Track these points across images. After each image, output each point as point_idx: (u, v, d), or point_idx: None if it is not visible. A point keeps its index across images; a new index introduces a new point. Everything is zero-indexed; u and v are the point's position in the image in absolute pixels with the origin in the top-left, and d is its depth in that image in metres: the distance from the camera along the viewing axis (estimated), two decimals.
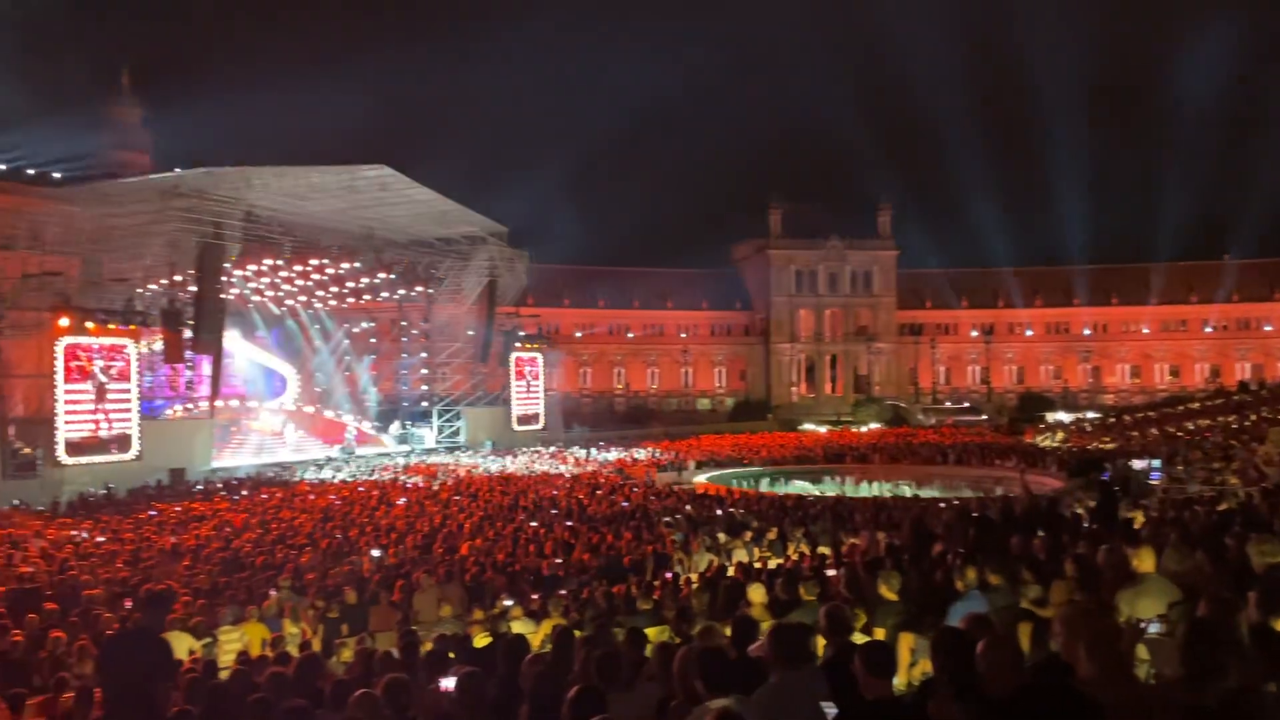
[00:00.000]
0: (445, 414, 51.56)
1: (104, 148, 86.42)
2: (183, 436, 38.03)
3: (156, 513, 24.97)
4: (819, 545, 16.73)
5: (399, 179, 37.85)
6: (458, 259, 48.23)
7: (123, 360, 33.85)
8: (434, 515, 22.53)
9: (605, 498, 25.75)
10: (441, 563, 15.65)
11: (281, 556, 16.86)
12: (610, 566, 15.24)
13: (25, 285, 36.81)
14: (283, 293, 47.10)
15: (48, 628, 11.65)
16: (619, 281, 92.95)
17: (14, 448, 33.92)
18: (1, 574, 16.29)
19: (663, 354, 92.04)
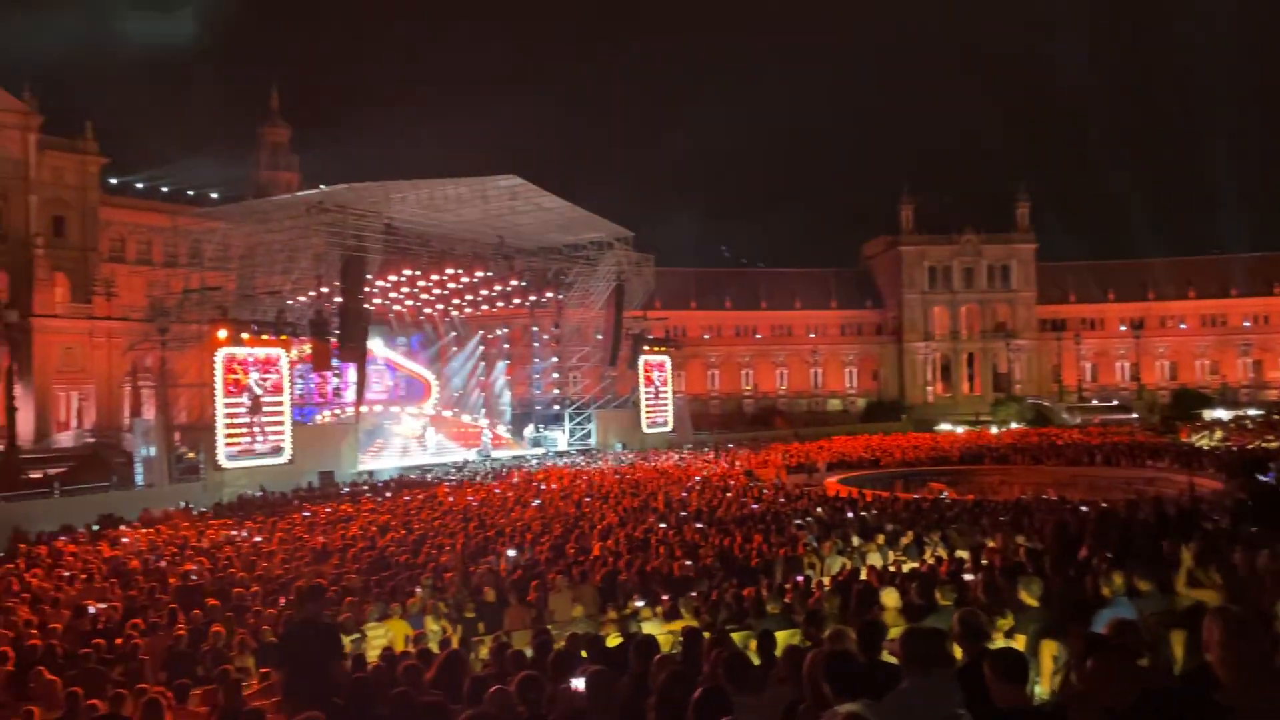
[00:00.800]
0: (576, 417, 52.40)
1: (255, 168, 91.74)
2: (331, 441, 39.79)
3: (309, 514, 26.22)
4: (956, 549, 16.25)
5: (528, 188, 38.73)
6: (586, 264, 48.97)
7: (276, 371, 35.72)
8: (567, 517, 22.92)
9: (734, 500, 25.66)
10: (575, 563, 15.92)
11: (423, 556, 17.46)
12: (740, 569, 15.19)
13: (187, 300, 39.34)
14: (421, 301, 48.83)
15: (209, 622, 12.43)
16: (746, 282, 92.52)
17: (179, 452, 36.30)
18: (169, 572, 17.44)
19: (791, 354, 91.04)
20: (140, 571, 17.53)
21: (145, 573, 17.38)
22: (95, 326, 59.67)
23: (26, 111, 69.62)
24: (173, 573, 17.24)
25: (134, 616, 13.31)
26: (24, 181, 69.41)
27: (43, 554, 20.54)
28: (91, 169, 73.75)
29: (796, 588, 12.36)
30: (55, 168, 71.55)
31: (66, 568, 18.52)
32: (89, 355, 59.62)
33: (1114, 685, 3.97)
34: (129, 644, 11.62)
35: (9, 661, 10.75)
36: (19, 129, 69.37)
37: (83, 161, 73.04)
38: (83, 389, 59.85)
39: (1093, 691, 4.04)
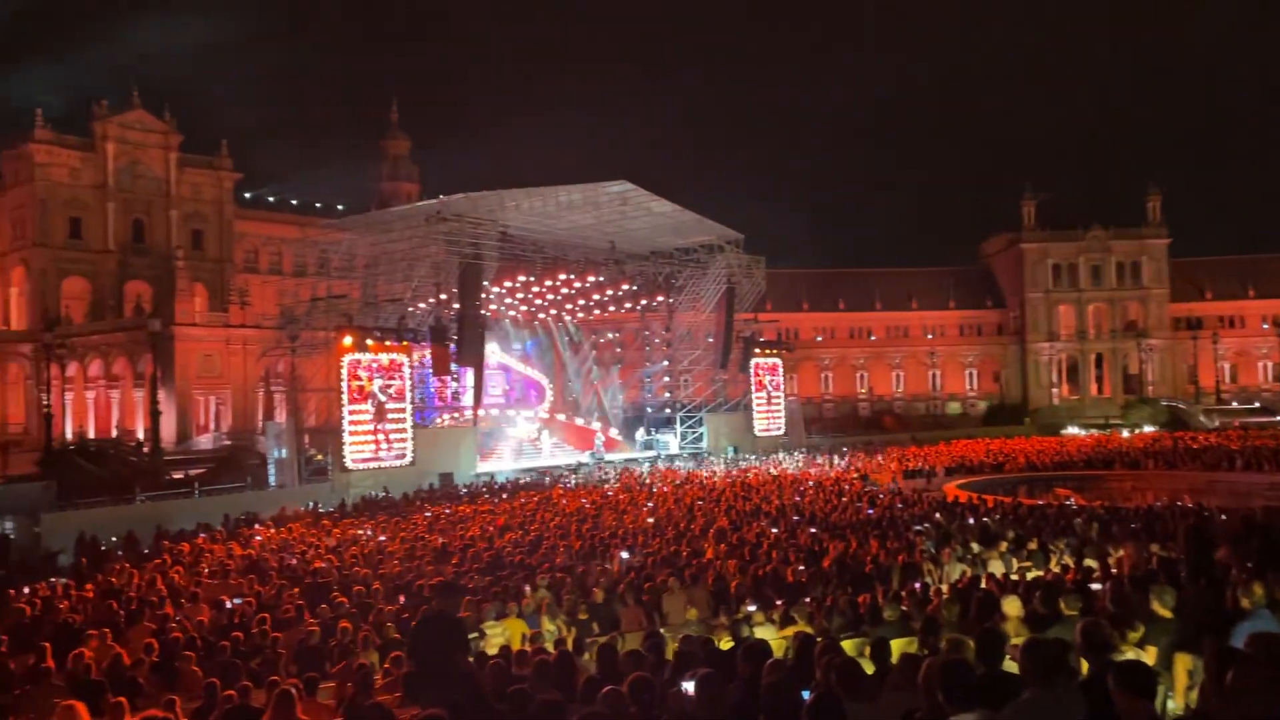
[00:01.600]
0: (688, 420, 52.45)
1: (378, 179, 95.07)
2: (450, 443, 40.82)
3: (429, 514, 27.00)
4: (1084, 557, 15.63)
5: (639, 193, 39.03)
6: (696, 267, 49.02)
7: (399, 377, 36.92)
8: (679, 520, 22.98)
9: (849, 504, 25.27)
10: (687, 566, 15.95)
11: (538, 557, 17.77)
12: (855, 575, 14.96)
13: (315, 308, 41.07)
14: (535, 307, 49.73)
15: (336, 618, 12.92)
16: (860, 283, 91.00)
17: (308, 454, 37.85)
18: (299, 569, 18.21)
19: (908, 356, 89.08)
20: (273, 568, 18.35)
21: (277, 569, 18.19)
22: (231, 334, 62.78)
23: (167, 131, 73.89)
24: (303, 570, 17.98)
25: (266, 611, 13.96)
26: (165, 198, 73.72)
27: (184, 551, 21.71)
28: (226, 184, 77.78)
29: (913, 595, 12.10)
30: (194, 184, 75.72)
31: (205, 564, 19.53)
32: (226, 361, 62.76)
33: (1257, 700, 3.78)
34: (263, 637, 12.19)
35: (154, 652, 11.41)
36: (161, 148, 73.69)
37: (218, 178, 77.11)
38: (220, 394, 63.04)
39: (1233, 707, 3.85)
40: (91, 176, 70.33)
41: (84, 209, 70.07)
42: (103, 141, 70.59)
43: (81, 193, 69.87)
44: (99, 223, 70.53)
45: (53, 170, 68.84)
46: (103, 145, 70.57)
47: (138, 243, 72.34)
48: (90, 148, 70.32)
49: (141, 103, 72.82)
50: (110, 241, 70.77)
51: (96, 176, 70.47)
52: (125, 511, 30.30)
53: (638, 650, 8.61)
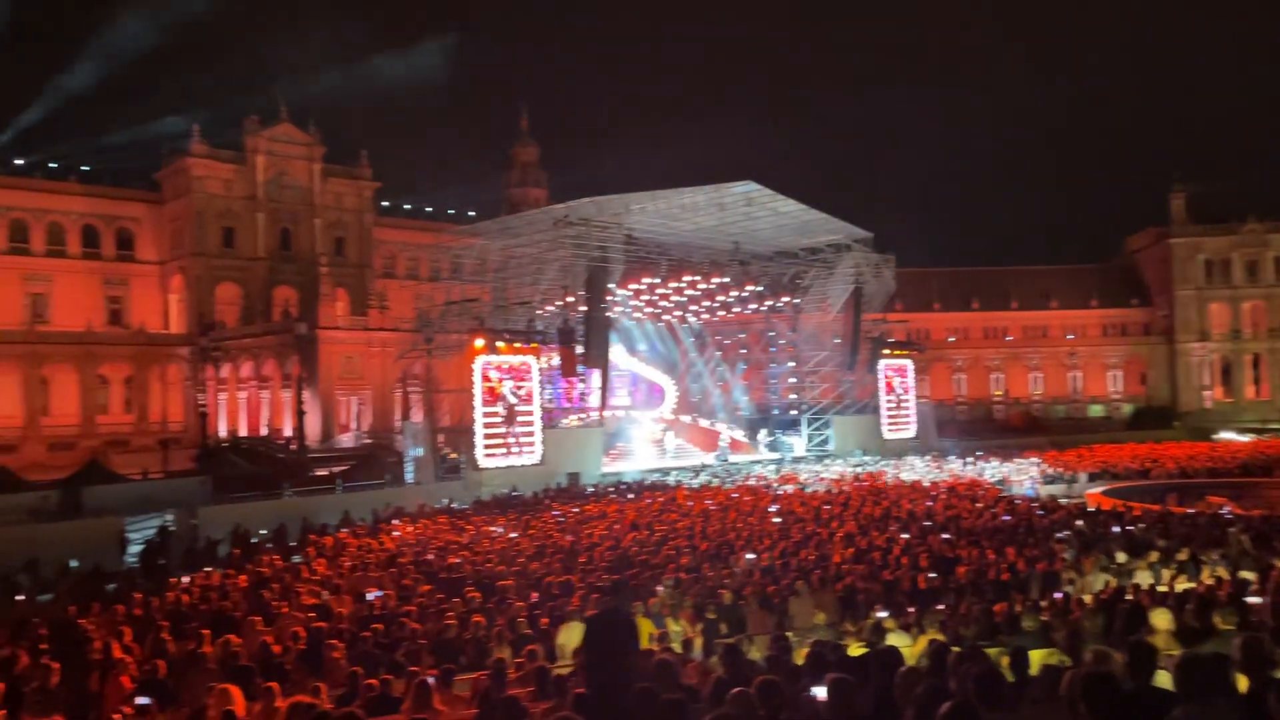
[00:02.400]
0: (814, 422, 51.76)
1: (507, 185, 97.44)
2: (578, 444, 41.43)
3: (558, 513, 27.48)
4: (1240, 569, 14.72)
5: (764, 193, 38.79)
6: (823, 267, 48.35)
7: (528, 379, 37.74)
8: (805, 523, 22.72)
9: (984, 510, 24.48)
10: (815, 570, 15.76)
11: (663, 557, 17.86)
12: (991, 583, 14.50)
13: (449, 311, 42.37)
14: (660, 309, 50.00)
15: (471, 613, 13.31)
16: (995, 281, 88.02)
17: (443, 453, 39.08)
18: (435, 564, 18.81)
19: (1047, 357, 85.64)
20: (410, 563, 19.02)
21: (415, 564, 18.84)
22: (371, 337, 65.36)
23: (311, 144, 77.56)
24: (439, 565, 18.57)
25: (405, 604, 14.48)
26: (310, 207, 77.41)
27: (328, 544, 22.73)
28: (366, 193, 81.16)
29: (1054, 604, 11.66)
30: (336, 193, 79.29)
31: (347, 557, 20.39)
32: (366, 363, 65.39)
33: None
34: (402, 629, 12.64)
35: (300, 640, 11.99)
36: (306, 160, 77.41)
37: (358, 187, 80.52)
38: (360, 394, 65.71)
39: None
40: (243, 188, 74.45)
41: (236, 219, 74.24)
42: (253, 155, 74.63)
43: (234, 204, 74.04)
44: (250, 232, 74.61)
45: (208, 183, 73.17)
46: (253, 158, 74.62)
47: (285, 250, 76.20)
48: (241, 161, 74.48)
49: (288, 116, 76.68)
50: (260, 249, 74.76)
51: (247, 188, 74.55)
52: (273, 505, 31.93)
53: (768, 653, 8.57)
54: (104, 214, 75.20)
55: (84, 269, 73.69)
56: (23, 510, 29.81)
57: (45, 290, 72.25)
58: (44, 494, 32.28)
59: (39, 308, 71.41)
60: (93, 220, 74.68)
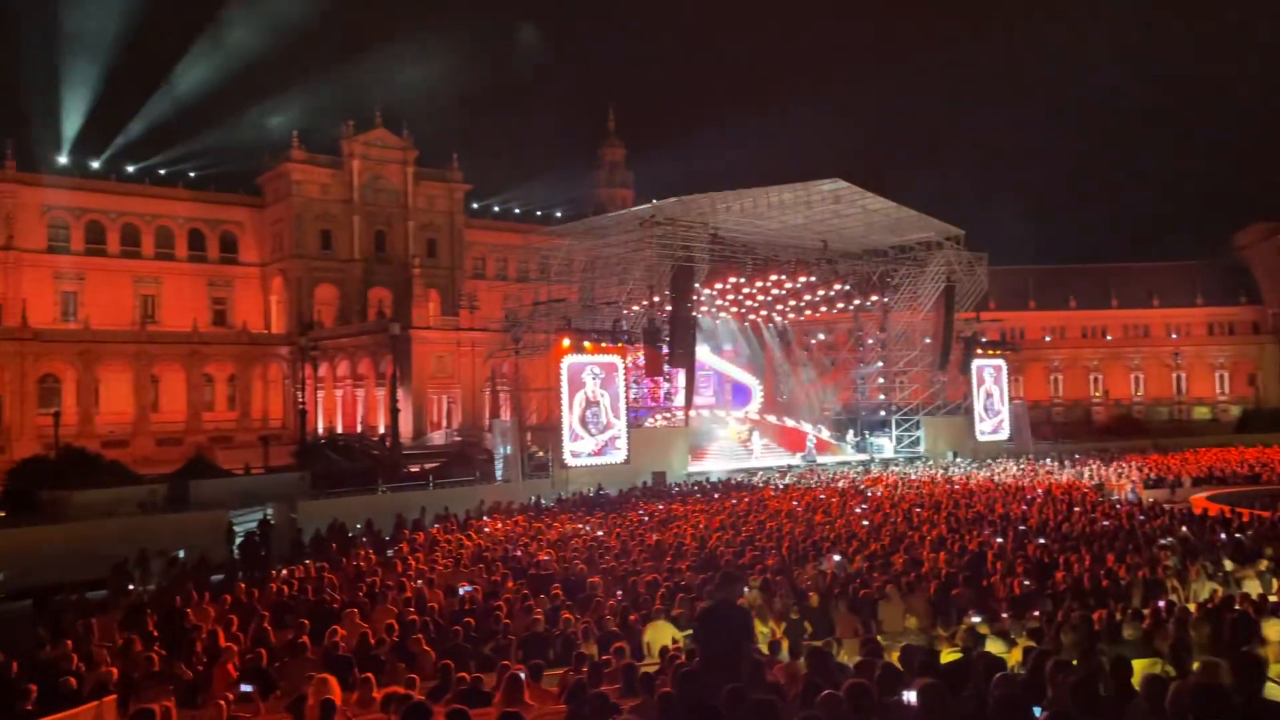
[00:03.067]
0: (903, 423, 50.88)
1: (594, 186, 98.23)
2: (663, 443, 41.55)
3: (643, 512, 27.58)
4: None
5: (852, 190, 38.32)
6: (913, 265, 47.53)
7: (614, 377, 38.00)
8: (894, 525, 22.36)
9: (1082, 515, 23.73)
10: (904, 574, 15.50)
11: (749, 557, 17.78)
12: (1090, 590, 14.05)
13: (536, 311, 42.94)
14: (745, 308, 49.78)
15: (558, 609, 13.45)
16: (1093, 279, 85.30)
17: (530, 451, 39.59)
18: (523, 560, 19.07)
19: (1148, 357, 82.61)
20: (499, 559, 19.31)
21: (503, 560, 19.12)
22: (461, 337, 66.62)
23: (405, 148, 79.46)
24: (527, 561, 18.82)
25: (494, 599, 14.71)
26: (404, 210, 79.32)
27: (420, 539, 23.22)
28: (457, 195, 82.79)
29: (1157, 613, 11.25)
30: (428, 196, 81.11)
31: (439, 552, 20.80)
32: (456, 362, 66.66)
33: None
34: (494, 624, 12.85)
35: (394, 633, 12.29)
36: (400, 164, 79.36)
37: (450, 189, 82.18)
38: (451, 393, 67.02)
39: None
40: (339, 192, 76.68)
41: (333, 222, 76.51)
42: (349, 159, 76.82)
43: (331, 207, 76.33)
44: (346, 234, 76.80)
45: (307, 187, 75.59)
46: (349, 163, 76.81)
47: (379, 252, 78.22)
48: (338, 165, 76.73)
49: (382, 121, 78.67)
50: (356, 251, 76.89)
51: (343, 192, 76.76)
52: (368, 501, 32.79)
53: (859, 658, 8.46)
54: (209, 218, 78.30)
55: (191, 271, 76.88)
56: (133, 503, 31.20)
57: (154, 292, 75.60)
58: (152, 487, 33.76)
59: (149, 309, 74.75)
60: (199, 224, 77.83)
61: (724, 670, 7.09)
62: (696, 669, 7.67)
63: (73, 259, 72.80)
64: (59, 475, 35.81)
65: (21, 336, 64.30)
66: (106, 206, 74.09)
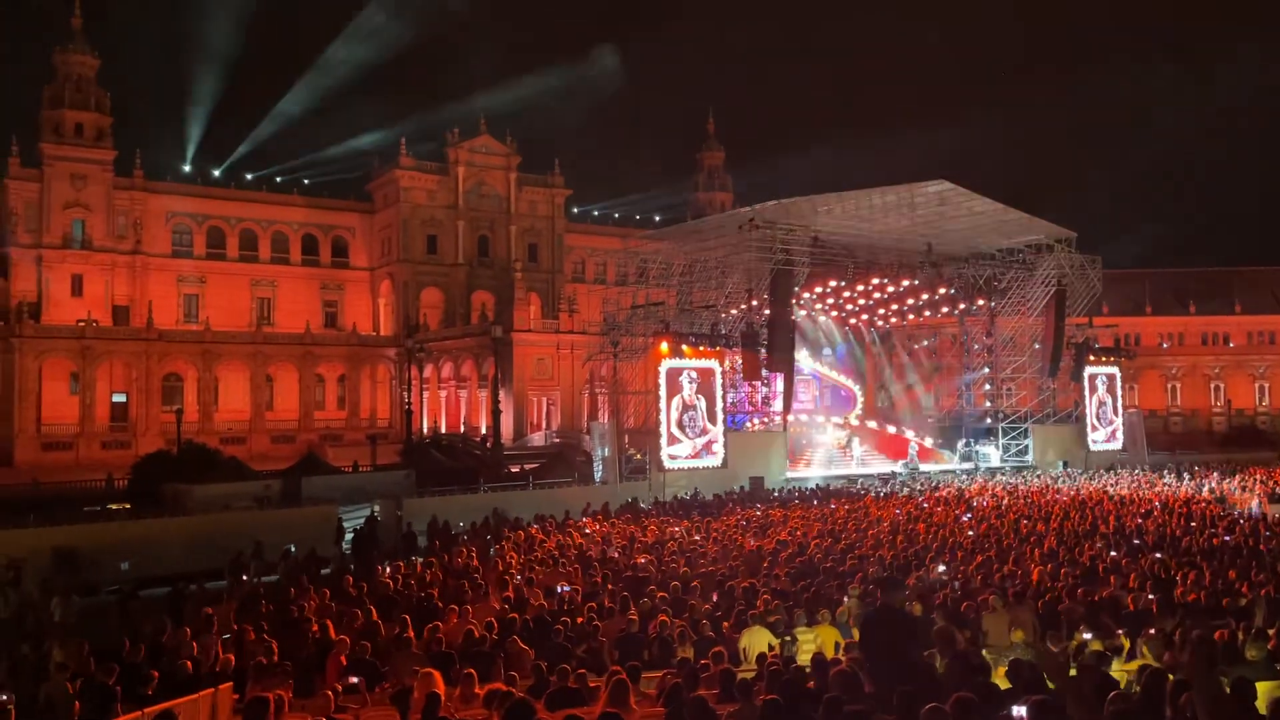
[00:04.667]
0: (1011, 432, 49.38)
1: (694, 190, 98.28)
2: (761, 448, 41.22)
3: (741, 516, 27.45)
4: None
5: (958, 192, 37.45)
6: (1021, 269, 46.16)
7: (712, 382, 37.94)
8: (1001, 536, 21.74)
9: (1202, 529, 22.66)
10: (1011, 585, 15.06)
11: (850, 565, 17.51)
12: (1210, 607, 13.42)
13: (635, 314, 43.16)
14: (846, 312, 49.08)
15: (655, 612, 13.48)
16: (1214, 283, 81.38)
17: (628, 454, 39.78)
18: (621, 562, 19.19)
19: (1274, 365, 78.50)
20: (597, 560, 19.47)
21: (601, 561, 19.27)
22: (561, 340, 67.47)
23: (508, 154, 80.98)
24: (624, 563, 18.93)
25: (591, 601, 14.84)
26: (506, 215, 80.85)
27: (520, 539, 23.59)
28: (558, 200, 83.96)
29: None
30: (530, 201, 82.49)
31: (539, 552, 21.08)
32: (556, 365, 67.54)
33: None
34: (589, 625, 12.96)
35: (494, 630, 12.51)
36: (503, 170, 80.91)
37: (551, 194, 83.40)
38: (550, 395, 67.92)
39: None
40: (445, 198, 78.60)
41: (438, 227, 78.47)
42: (454, 166, 78.68)
43: (437, 212, 78.31)
44: (451, 239, 78.66)
45: (414, 193, 77.72)
46: (454, 169, 78.67)
47: (482, 256, 79.89)
48: (444, 172, 78.68)
49: (486, 128, 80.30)
50: (460, 255, 78.68)
51: (449, 197, 78.64)
52: (471, 500, 33.46)
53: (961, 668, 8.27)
54: (321, 223, 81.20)
55: (304, 275, 79.85)
56: (249, 497, 32.49)
57: (270, 295, 78.77)
58: (267, 483, 35.08)
59: (264, 311, 77.90)
60: (312, 229, 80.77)
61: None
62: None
63: (195, 263, 76.41)
64: (180, 470, 37.43)
65: (148, 337, 67.78)
66: (226, 213, 77.53)
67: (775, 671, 8.66)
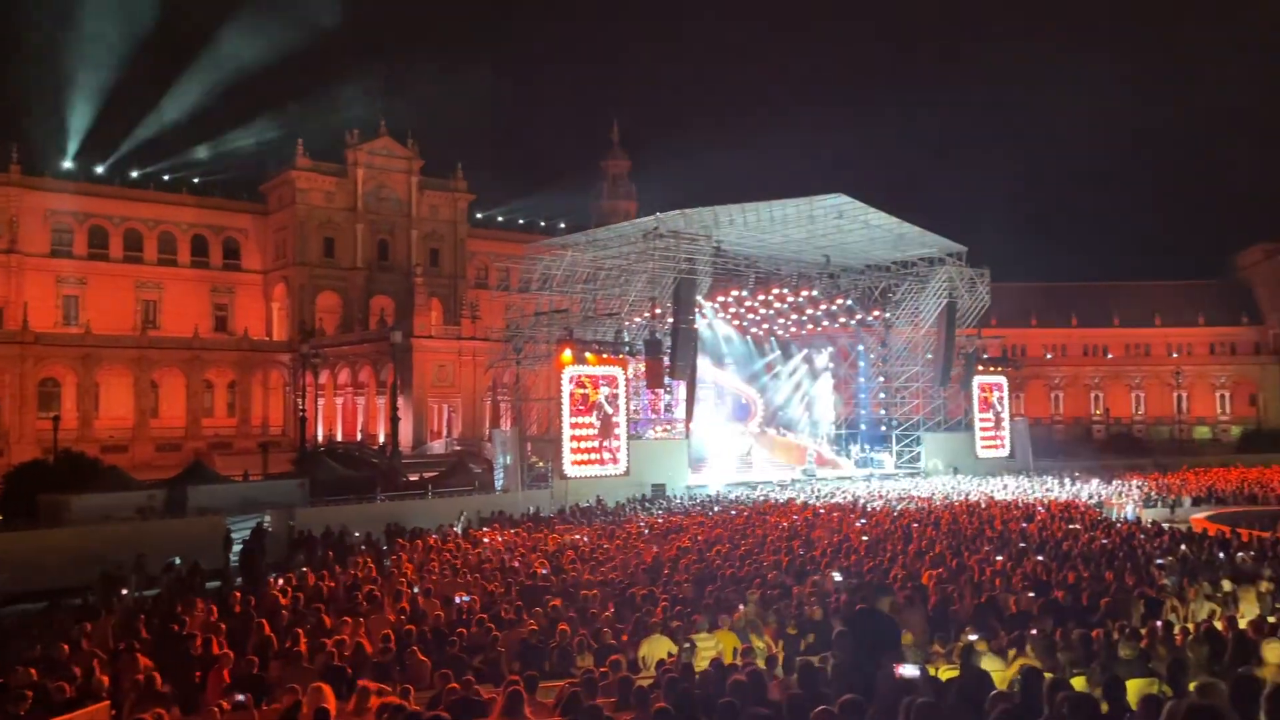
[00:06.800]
0: (904, 439, 50.83)
1: (598, 197, 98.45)
2: (663, 455, 41.46)
3: (642, 524, 27.53)
4: None
5: (855, 205, 38.38)
6: (915, 281, 47.59)
7: (615, 390, 38.00)
8: (894, 540, 22.31)
9: (1082, 533, 23.68)
10: (902, 589, 15.44)
11: (748, 571, 17.71)
12: (1087, 608, 14.01)
13: (538, 322, 42.92)
14: (747, 321, 49.79)
15: (555, 621, 13.40)
16: (1095, 297, 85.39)
17: (530, 461, 39.53)
18: (520, 571, 19.02)
19: (1149, 376, 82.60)
20: (496, 569, 19.26)
21: (500, 570, 19.07)
22: (462, 346, 66.66)
23: (410, 157, 79.69)
24: (524, 572, 18.76)
25: (491, 610, 14.66)
26: (407, 219, 79.50)
27: (418, 549, 23.17)
28: (461, 205, 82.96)
29: (1154, 633, 11.22)
30: (432, 205, 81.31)
31: (436, 562, 20.74)
32: (457, 372, 66.69)
33: None
34: (487, 635, 12.80)
35: (391, 642, 12.24)
36: (404, 173, 79.57)
37: (454, 199, 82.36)
38: (451, 402, 67.02)
39: None
40: (343, 200, 76.88)
41: (336, 230, 76.68)
42: (353, 168, 77.04)
43: (334, 215, 76.53)
44: (349, 242, 76.95)
45: (311, 195, 75.79)
46: (353, 171, 77.02)
47: (382, 260, 78.38)
48: (342, 174, 76.95)
49: (387, 130, 78.89)
50: (359, 259, 77.04)
51: (347, 200, 76.94)
52: (366, 509, 32.74)
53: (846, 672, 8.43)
54: (212, 224, 78.49)
55: (193, 277, 77.02)
56: (132, 508, 31.14)
57: (156, 297, 75.73)
58: (151, 493, 33.67)
59: (150, 314, 74.85)
60: (202, 230, 77.99)
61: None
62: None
63: (75, 263, 72.95)
64: (57, 480, 35.69)
65: (23, 340, 64.38)
66: (110, 211, 74.29)
67: (672, 679, 8.69)
